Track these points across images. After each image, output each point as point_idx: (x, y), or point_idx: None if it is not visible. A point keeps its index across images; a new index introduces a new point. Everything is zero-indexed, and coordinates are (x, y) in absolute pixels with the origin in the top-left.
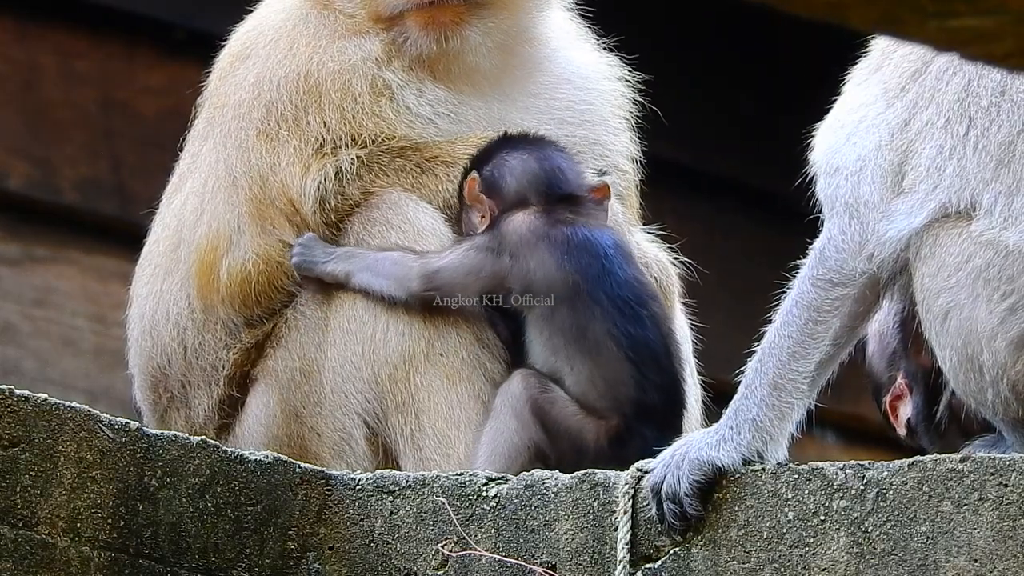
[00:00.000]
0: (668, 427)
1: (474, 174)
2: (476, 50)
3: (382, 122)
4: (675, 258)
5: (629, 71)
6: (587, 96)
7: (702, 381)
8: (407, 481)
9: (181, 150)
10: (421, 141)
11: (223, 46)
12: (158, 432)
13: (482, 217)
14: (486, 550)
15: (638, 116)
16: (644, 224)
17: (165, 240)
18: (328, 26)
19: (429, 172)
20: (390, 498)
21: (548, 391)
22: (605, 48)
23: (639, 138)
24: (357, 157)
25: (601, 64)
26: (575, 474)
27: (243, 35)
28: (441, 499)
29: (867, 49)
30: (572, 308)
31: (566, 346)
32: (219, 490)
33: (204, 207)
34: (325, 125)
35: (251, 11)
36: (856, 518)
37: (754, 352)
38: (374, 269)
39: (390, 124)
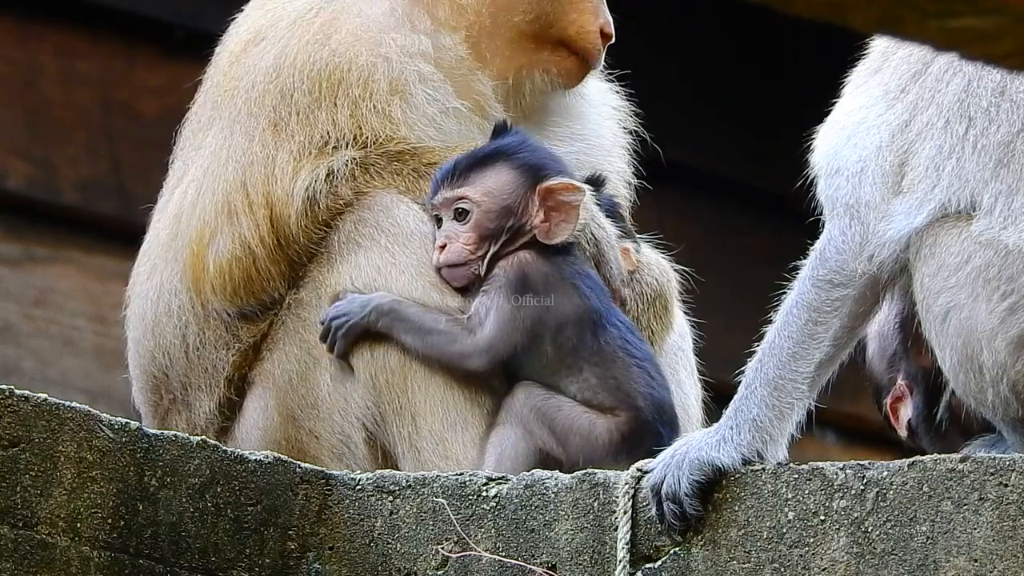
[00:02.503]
0: (676, 427)
1: (569, 180)
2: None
3: (388, 122)
4: (675, 258)
5: (629, 75)
6: (589, 118)
7: (702, 381)
8: (407, 481)
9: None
10: (420, 145)
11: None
12: (158, 432)
13: (534, 217)
14: (486, 550)
15: (639, 115)
16: (643, 227)
17: (165, 231)
18: (384, 19)
19: (426, 178)
20: (390, 498)
21: (552, 397)
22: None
23: (640, 137)
24: (353, 159)
25: (603, 87)
26: (575, 474)
27: (257, 18)
28: (441, 500)
29: (867, 51)
30: (594, 334)
31: (577, 361)
32: (219, 490)
33: (200, 196)
34: (334, 122)
35: None
36: (856, 518)
37: (754, 352)
38: (423, 338)
39: (395, 124)
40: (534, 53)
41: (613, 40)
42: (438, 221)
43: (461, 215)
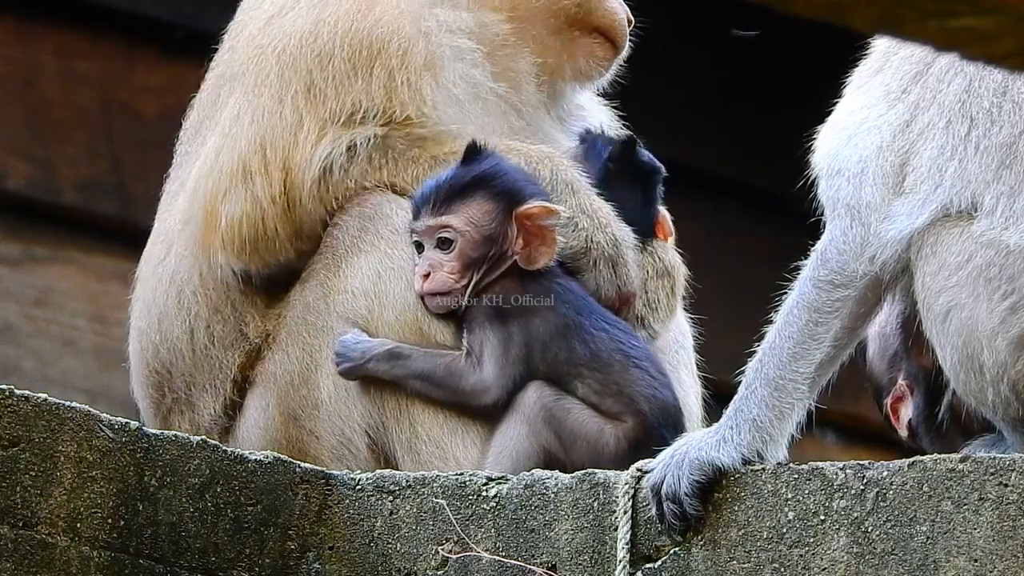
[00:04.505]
0: (681, 427)
1: (545, 202)
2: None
3: (417, 97)
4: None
5: (630, 74)
6: (591, 122)
7: (703, 380)
8: (407, 481)
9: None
10: (441, 130)
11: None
12: (158, 432)
13: (511, 243)
14: (486, 550)
15: (638, 115)
16: None
17: (182, 203)
18: None
19: (443, 165)
20: (390, 498)
21: (563, 399)
22: None
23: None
24: (375, 135)
25: (594, 99)
26: (575, 474)
27: None
28: (440, 500)
29: (868, 51)
30: (583, 343)
31: (576, 368)
32: (219, 490)
33: (219, 158)
34: (368, 92)
35: None
36: (856, 518)
37: (754, 352)
38: (430, 383)
39: (423, 100)
40: (578, 39)
41: (633, 24)
42: (418, 246)
43: (445, 244)
